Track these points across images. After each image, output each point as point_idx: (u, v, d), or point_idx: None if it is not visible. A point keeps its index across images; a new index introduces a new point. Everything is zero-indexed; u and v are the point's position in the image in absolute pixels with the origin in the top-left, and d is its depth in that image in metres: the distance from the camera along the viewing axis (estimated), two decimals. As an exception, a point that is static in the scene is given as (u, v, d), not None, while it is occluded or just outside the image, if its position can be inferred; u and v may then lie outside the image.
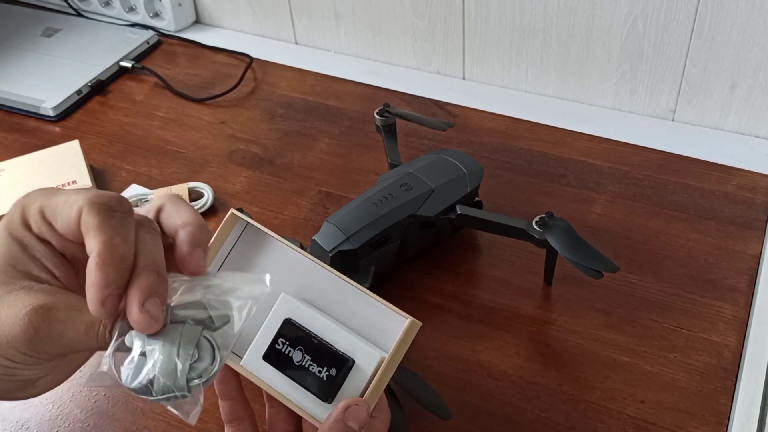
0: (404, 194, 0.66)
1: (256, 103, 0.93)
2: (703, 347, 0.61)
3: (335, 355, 0.43)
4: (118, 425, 0.59)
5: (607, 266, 0.60)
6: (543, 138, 0.84)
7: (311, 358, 0.43)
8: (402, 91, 0.93)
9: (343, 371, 0.43)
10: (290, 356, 0.44)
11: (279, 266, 0.47)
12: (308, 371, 0.43)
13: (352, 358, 0.43)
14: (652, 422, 0.56)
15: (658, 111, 0.86)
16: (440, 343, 0.63)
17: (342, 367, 0.43)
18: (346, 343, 0.43)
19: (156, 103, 0.94)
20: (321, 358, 0.43)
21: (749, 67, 0.78)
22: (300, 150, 0.85)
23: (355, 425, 0.41)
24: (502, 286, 0.67)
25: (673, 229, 0.72)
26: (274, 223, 0.75)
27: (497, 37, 0.89)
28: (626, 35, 0.82)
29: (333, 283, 0.46)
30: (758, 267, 0.67)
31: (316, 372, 0.43)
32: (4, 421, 0.60)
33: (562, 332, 0.63)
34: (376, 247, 0.65)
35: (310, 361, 0.43)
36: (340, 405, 0.41)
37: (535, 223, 0.62)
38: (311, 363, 0.43)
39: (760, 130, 0.82)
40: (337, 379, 0.43)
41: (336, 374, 0.43)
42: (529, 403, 0.58)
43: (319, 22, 1.00)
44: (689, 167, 0.78)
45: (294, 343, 0.44)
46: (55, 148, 0.83)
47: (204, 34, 1.07)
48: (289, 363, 0.44)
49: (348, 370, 0.43)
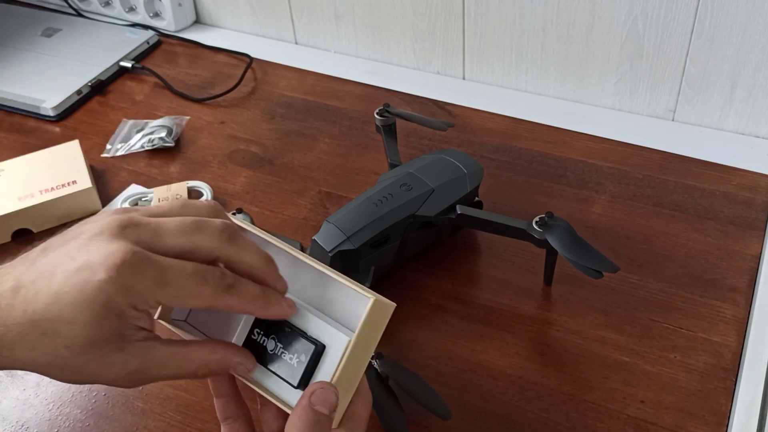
0: (404, 194, 0.66)
1: (256, 103, 0.93)
2: (703, 347, 0.61)
3: (305, 341, 0.43)
4: (118, 425, 0.59)
5: (607, 266, 0.60)
6: (543, 138, 0.84)
7: (283, 346, 0.44)
8: (402, 91, 0.93)
9: (312, 357, 0.43)
10: (264, 345, 0.44)
11: None
12: (281, 359, 0.44)
13: (323, 343, 0.43)
14: (652, 422, 0.56)
15: (658, 111, 0.86)
16: (440, 343, 0.63)
17: (311, 353, 0.43)
18: (317, 329, 0.44)
19: (156, 103, 0.94)
20: (292, 345, 0.44)
21: (749, 67, 0.78)
22: (300, 150, 0.85)
23: (324, 409, 0.41)
24: (502, 286, 0.67)
25: (673, 229, 0.72)
26: (274, 223, 0.75)
27: (497, 37, 0.89)
28: (626, 35, 0.82)
29: (310, 273, 0.46)
30: (758, 267, 0.67)
31: (288, 359, 0.43)
32: (4, 421, 0.60)
33: (562, 332, 0.63)
34: (376, 247, 0.65)
35: (282, 349, 0.44)
36: (306, 390, 0.42)
37: (535, 223, 0.62)
38: (284, 351, 0.44)
39: (760, 130, 0.82)
40: (308, 365, 0.43)
41: (306, 360, 0.43)
42: (529, 403, 0.58)
43: (319, 22, 1.00)
44: (689, 167, 0.78)
45: (268, 332, 0.45)
46: (55, 148, 0.83)
47: (204, 34, 1.07)
48: (264, 352, 0.44)
49: (318, 355, 0.43)
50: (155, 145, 0.85)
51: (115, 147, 0.87)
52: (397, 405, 0.55)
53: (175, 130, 0.88)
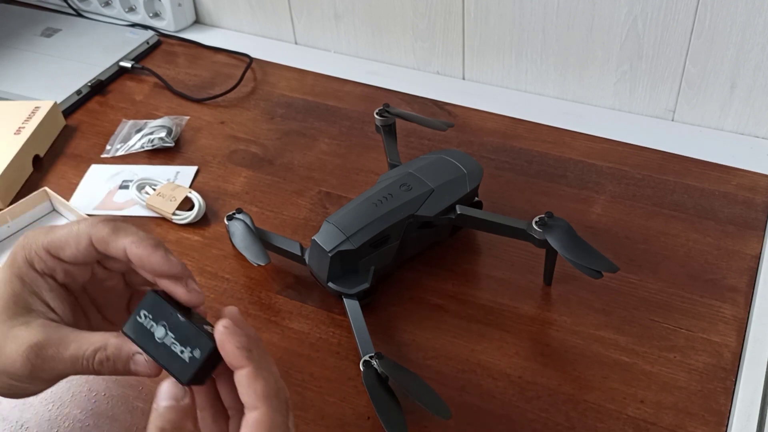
0: (404, 194, 0.66)
1: (255, 103, 0.93)
2: (702, 347, 0.61)
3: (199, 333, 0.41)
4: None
5: (607, 266, 0.60)
6: (543, 138, 0.84)
7: (174, 337, 0.42)
8: (402, 91, 0.93)
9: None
10: (152, 332, 0.42)
11: None
12: (171, 350, 0.42)
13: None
14: (651, 422, 0.56)
15: (657, 111, 0.86)
16: (440, 343, 0.63)
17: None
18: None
19: (156, 103, 0.94)
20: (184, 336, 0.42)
21: (749, 67, 0.78)
22: (300, 150, 0.85)
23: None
24: (502, 286, 0.68)
25: (673, 229, 0.72)
26: (274, 223, 0.75)
27: (497, 37, 0.89)
28: (626, 35, 0.82)
29: None
30: (758, 267, 0.67)
31: (179, 352, 0.41)
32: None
33: (562, 332, 0.63)
34: (376, 247, 0.65)
35: (172, 338, 0.42)
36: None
37: (535, 223, 0.62)
38: (174, 341, 0.42)
39: (759, 130, 0.82)
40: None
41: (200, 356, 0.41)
42: (528, 403, 0.58)
43: (319, 22, 1.00)
44: (689, 167, 0.79)
45: (157, 317, 0.42)
46: None
47: (204, 34, 1.07)
48: (150, 339, 0.42)
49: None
50: (155, 145, 0.85)
51: (114, 147, 0.87)
52: (397, 405, 0.55)
53: (175, 130, 0.88)
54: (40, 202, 0.77)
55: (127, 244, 0.43)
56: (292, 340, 0.64)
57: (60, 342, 0.43)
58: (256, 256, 0.66)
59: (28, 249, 0.45)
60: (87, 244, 0.44)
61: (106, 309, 0.49)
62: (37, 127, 0.85)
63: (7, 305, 0.44)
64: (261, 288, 0.69)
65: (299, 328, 0.65)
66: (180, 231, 0.75)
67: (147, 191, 0.78)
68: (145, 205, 0.77)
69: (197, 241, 0.74)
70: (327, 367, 0.62)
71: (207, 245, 0.74)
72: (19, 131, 0.83)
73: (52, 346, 0.43)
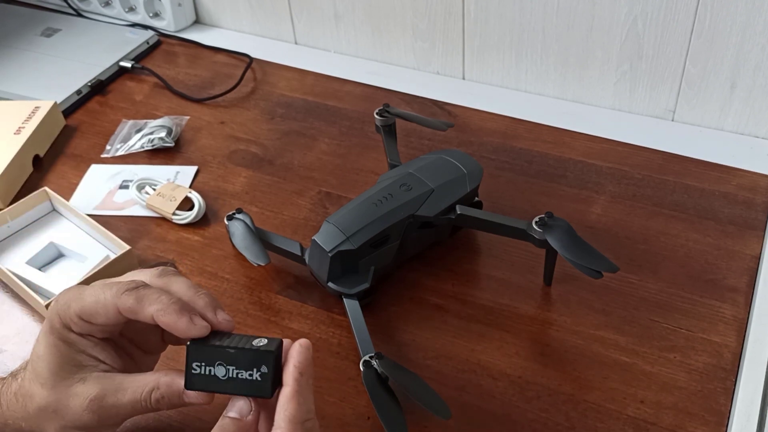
0: (404, 194, 0.66)
1: (255, 103, 0.93)
2: (702, 347, 0.61)
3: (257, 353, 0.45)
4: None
5: (607, 266, 0.60)
6: (543, 138, 0.84)
7: (236, 367, 0.45)
8: (402, 91, 0.93)
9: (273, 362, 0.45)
10: (214, 374, 0.45)
11: None
12: (238, 379, 0.45)
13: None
14: (651, 422, 0.56)
15: (657, 111, 0.86)
16: (440, 343, 0.63)
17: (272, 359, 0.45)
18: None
19: (156, 103, 0.94)
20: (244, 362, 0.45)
21: (749, 67, 0.78)
22: (300, 150, 0.85)
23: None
24: (502, 286, 0.68)
25: (673, 229, 0.72)
26: (274, 223, 0.75)
27: (497, 37, 0.89)
28: (626, 35, 0.82)
29: None
30: (758, 267, 0.67)
31: (248, 377, 0.44)
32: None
33: (561, 332, 0.63)
34: (375, 247, 0.65)
35: (235, 369, 0.45)
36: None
37: (534, 223, 0.62)
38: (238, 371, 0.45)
39: (759, 130, 0.82)
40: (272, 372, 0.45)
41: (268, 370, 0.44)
42: (528, 403, 0.58)
43: (319, 22, 1.00)
44: (689, 167, 0.79)
45: (210, 361, 0.45)
46: None
47: (204, 34, 1.07)
48: (216, 380, 0.45)
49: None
50: (155, 145, 0.85)
51: (114, 147, 0.87)
52: (397, 405, 0.55)
53: (175, 130, 0.88)
54: (40, 202, 0.77)
55: (154, 312, 0.46)
56: (292, 340, 0.64)
57: (117, 389, 0.48)
58: (256, 256, 0.66)
59: (63, 315, 0.48)
60: (115, 312, 0.47)
61: (144, 344, 0.53)
62: (37, 127, 0.85)
63: (60, 367, 0.48)
64: (261, 288, 0.69)
65: (299, 329, 0.65)
66: (180, 231, 0.75)
67: (147, 191, 0.78)
68: (145, 205, 0.77)
69: (197, 241, 0.74)
70: (327, 367, 0.62)
71: (207, 245, 0.74)
72: (19, 131, 0.83)
73: (110, 395, 0.48)
